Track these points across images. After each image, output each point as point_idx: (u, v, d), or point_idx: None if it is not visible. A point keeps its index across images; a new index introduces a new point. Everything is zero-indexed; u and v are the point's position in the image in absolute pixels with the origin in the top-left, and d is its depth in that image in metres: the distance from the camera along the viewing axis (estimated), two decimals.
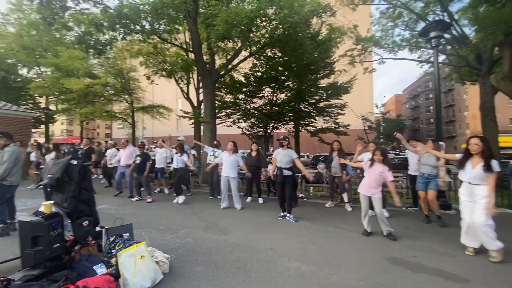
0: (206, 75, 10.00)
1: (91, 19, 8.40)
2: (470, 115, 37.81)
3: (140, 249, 2.70)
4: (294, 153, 5.17)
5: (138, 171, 6.88)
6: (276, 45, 9.60)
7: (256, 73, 12.70)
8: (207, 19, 8.21)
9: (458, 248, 3.55)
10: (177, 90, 19.43)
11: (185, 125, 23.57)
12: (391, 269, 3.01)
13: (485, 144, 3.27)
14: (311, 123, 14.37)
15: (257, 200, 6.82)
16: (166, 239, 3.97)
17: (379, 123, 29.01)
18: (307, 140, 19.17)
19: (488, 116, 10.72)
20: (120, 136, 32.06)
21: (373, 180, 4.04)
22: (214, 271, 2.92)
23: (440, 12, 11.32)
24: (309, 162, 18.73)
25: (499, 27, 6.93)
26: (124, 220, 3.63)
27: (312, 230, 4.46)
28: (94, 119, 26.12)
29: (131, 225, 3.44)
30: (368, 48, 13.37)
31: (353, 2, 12.50)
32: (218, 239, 3.98)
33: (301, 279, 2.76)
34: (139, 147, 7.21)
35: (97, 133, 66.30)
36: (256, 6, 7.48)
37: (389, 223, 4.12)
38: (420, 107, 56.92)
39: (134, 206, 6.26)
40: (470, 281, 2.74)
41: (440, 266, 3.06)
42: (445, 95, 46.34)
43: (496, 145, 10.63)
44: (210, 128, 9.84)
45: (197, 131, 14.86)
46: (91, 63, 18.91)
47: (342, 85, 13.43)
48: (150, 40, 11.34)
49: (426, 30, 6.22)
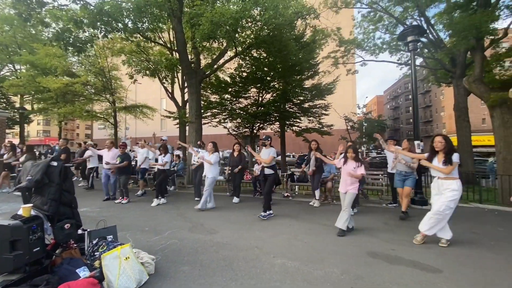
0: (191, 74, 9.93)
1: (70, 16, 8.11)
2: (446, 116, 39.70)
3: (125, 251, 2.67)
4: (273, 151, 5.32)
5: (118, 171, 6.74)
6: (261, 45, 9.68)
7: (242, 74, 12.74)
8: (192, 19, 8.15)
9: (433, 241, 3.77)
10: (161, 90, 19.14)
11: (169, 125, 23.22)
12: (371, 262, 3.15)
13: (447, 142, 3.60)
14: (296, 123, 14.58)
15: (245, 200, 6.87)
16: (151, 240, 3.93)
17: (361, 123, 29.89)
18: (292, 140, 19.44)
19: (462, 116, 11.36)
20: (102, 136, 31.06)
21: (348, 177, 4.21)
22: (200, 271, 2.94)
23: (417, 17, 11.85)
24: (294, 162, 19.01)
25: (471, 33, 7.36)
26: (107, 223, 3.57)
27: (297, 228, 4.57)
28: (74, 119, 25.17)
29: (115, 227, 3.39)
30: (350, 50, 13.77)
31: (336, 5, 12.83)
32: (204, 239, 3.99)
33: (286, 275, 2.83)
34: (120, 147, 7.06)
35: (76, 133, 63.79)
36: (241, 6, 7.53)
37: (369, 219, 4.30)
38: (400, 107, 59.08)
39: (117, 208, 6.12)
40: (443, 270, 2.93)
41: (416, 258, 3.25)
42: (423, 96, 48.40)
43: (470, 143, 11.29)
44: (196, 128, 9.78)
45: (182, 131, 14.68)
46: (70, 61, 18.23)
47: (326, 86, 13.73)
48: (133, 39, 11.10)
49: (404, 34, 6.52)
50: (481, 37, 7.71)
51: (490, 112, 7.33)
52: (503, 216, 5.51)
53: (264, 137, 5.54)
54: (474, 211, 5.86)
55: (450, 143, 3.62)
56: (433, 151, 3.72)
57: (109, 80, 18.37)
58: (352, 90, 30.45)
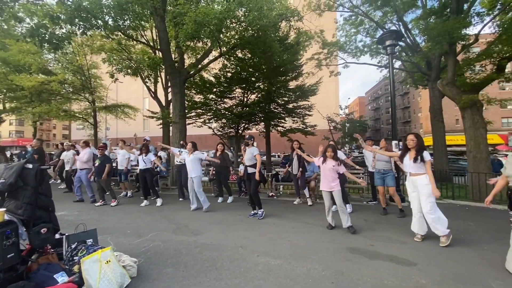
0: (174, 74, 9.78)
1: (46, 11, 7.74)
2: (423, 116, 41.51)
3: (106, 254, 2.62)
4: (256, 150, 5.36)
5: (98, 174, 6.54)
6: (246, 46, 9.71)
7: (226, 74, 12.71)
8: (175, 18, 8.04)
9: (409, 236, 3.97)
10: (144, 89, 18.70)
11: (152, 126, 22.70)
12: (351, 258, 3.27)
13: (419, 139, 3.82)
14: (281, 123, 14.74)
15: (228, 199, 6.87)
16: (134, 243, 3.86)
17: (344, 124, 30.67)
18: (277, 140, 19.59)
19: (437, 117, 11.96)
20: (81, 137, 29.82)
21: (329, 175, 4.35)
22: (184, 272, 2.93)
23: (396, 22, 12.36)
24: (279, 162, 19.19)
25: (445, 38, 7.77)
26: (87, 226, 3.47)
27: (281, 227, 4.64)
28: (50, 119, 24.03)
29: (95, 230, 3.31)
30: (333, 53, 14.11)
31: (319, 8, 13.11)
32: (188, 240, 3.97)
33: (270, 273, 2.89)
34: (99, 148, 6.85)
35: (53, 134, 60.87)
36: (225, 7, 7.52)
37: (351, 217, 4.44)
38: (381, 108, 61.09)
39: (98, 211, 5.94)
40: (418, 264, 3.10)
41: (393, 253, 3.41)
42: (402, 98, 50.33)
43: (444, 143, 11.91)
44: (180, 128, 9.65)
45: (165, 132, 14.42)
46: (46, 58, 17.37)
47: (310, 87, 13.98)
48: (114, 36, 10.76)
49: (382, 38, 6.79)
50: (453, 42, 8.15)
51: (461, 113, 7.77)
52: (473, 211, 5.87)
53: (247, 137, 5.60)
54: (447, 207, 6.18)
55: (421, 141, 3.83)
56: (406, 148, 3.93)
57: (88, 79, 17.71)
58: (335, 91, 31.13)
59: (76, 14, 7.76)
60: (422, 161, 3.69)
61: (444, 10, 8.96)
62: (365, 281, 2.70)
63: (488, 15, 9.33)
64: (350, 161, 6.46)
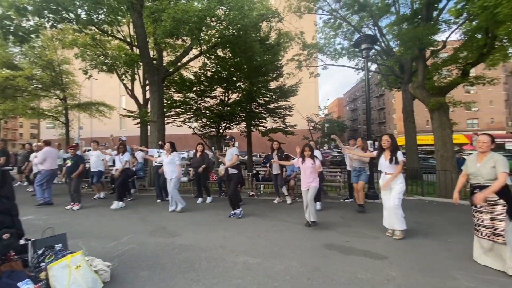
0: (153, 71, 9.51)
1: (11, 1, 7.22)
2: (397, 117, 43.56)
3: (76, 259, 2.50)
4: (235, 151, 5.37)
5: (70, 175, 6.21)
6: (226, 45, 9.65)
7: (207, 72, 12.56)
8: (153, 14, 7.80)
9: (382, 231, 4.16)
10: (120, 87, 17.95)
11: (129, 125, 21.92)
12: (327, 254, 3.38)
13: (393, 140, 4.04)
14: (262, 123, 14.81)
15: (207, 200, 6.80)
16: (108, 246, 3.71)
17: (323, 124, 31.47)
18: (259, 140, 19.66)
19: (409, 118, 12.61)
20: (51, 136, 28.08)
21: (308, 174, 4.47)
22: (161, 274, 2.87)
23: (372, 26, 12.87)
24: (260, 161, 19.29)
25: (415, 43, 8.22)
26: (56, 230, 3.28)
27: (260, 225, 4.68)
28: (16, 117, 22.40)
29: (64, 234, 3.13)
30: (313, 54, 14.41)
31: (300, 10, 13.33)
32: (165, 242, 3.88)
33: (248, 272, 2.90)
34: (70, 148, 6.51)
35: (19, 133, 56.94)
36: (206, 5, 7.43)
37: (327, 214, 4.60)
38: (358, 109, 63.34)
39: (69, 215, 5.64)
40: (389, 257, 3.26)
41: (366, 248, 3.56)
42: (378, 99, 52.52)
43: (415, 142, 12.59)
44: (158, 128, 9.40)
45: (143, 131, 13.99)
46: (11, 51, 16.17)
47: (290, 88, 14.17)
48: (88, 31, 10.26)
49: (358, 42, 7.05)
50: (423, 47, 8.64)
51: (430, 114, 8.26)
52: (440, 206, 6.27)
53: (228, 137, 5.60)
54: (417, 203, 6.56)
55: (395, 141, 4.06)
56: (381, 148, 4.12)
57: (59, 75, 16.75)
58: (314, 92, 31.82)
59: (45, 6, 7.32)
60: (397, 162, 3.90)
61: (416, 17, 9.47)
62: (340, 276, 2.79)
63: (455, 23, 9.98)
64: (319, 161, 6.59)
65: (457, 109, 14.56)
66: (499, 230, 2.82)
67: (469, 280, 2.70)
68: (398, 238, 3.86)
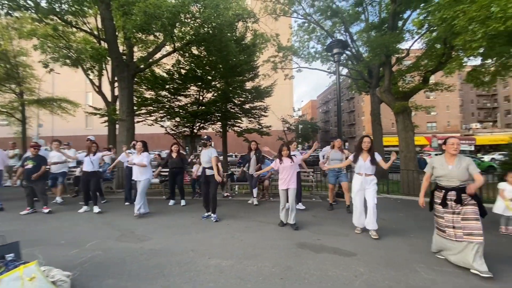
0: (122, 67, 9.04)
1: None
2: (366, 120, 45.89)
3: (29, 270, 2.28)
4: (214, 152, 5.14)
5: (29, 177, 5.68)
6: (201, 43, 9.46)
7: (180, 70, 12.21)
8: (123, 6, 7.40)
9: (351, 229, 4.34)
10: (86, 82, 16.85)
11: (96, 123, 20.59)
12: (299, 253, 3.43)
13: (371, 142, 4.25)
14: (237, 123, 14.75)
15: (181, 203, 6.59)
16: (69, 254, 3.44)
17: (297, 125, 32.22)
18: (235, 140, 19.54)
19: (376, 120, 13.35)
20: (5, 135, 25.53)
21: (287, 174, 4.50)
22: (128, 282, 2.72)
23: (344, 32, 13.42)
24: (236, 162, 19.21)
25: (382, 50, 8.71)
26: (8, 238, 2.96)
27: (234, 226, 4.64)
28: None
29: (17, 243, 2.83)
30: (288, 57, 14.70)
31: (275, 12, 13.51)
32: (133, 247, 3.69)
33: (220, 275, 2.85)
34: (32, 148, 5.95)
35: None
36: (180, 1, 7.21)
37: (300, 213, 4.68)
38: (330, 111, 65.70)
39: (23, 221, 5.14)
40: (357, 254, 3.40)
41: (337, 245, 3.68)
42: (348, 102, 54.92)
43: (381, 143, 13.35)
44: (127, 126, 8.95)
45: (111, 130, 13.23)
46: None
47: (265, 89, 14.27)
48: (48, 21, 9.45)
49: (330, 46, 7.30)
50: (389, 54, 9.19)
51: (395, 117, 8.80)
52: (404, 203, 6.70)
53: (205, 137, 5.38)
54: (383, 201, 6.93)
55: (373, 143, 4.28)
56: (359, 150, 4.24)
57: (14, 67, 15.27)
58: (289, 94, 32.43)
59: None
60: (375, 163, 4.10)
61: (383, 25, 10.06)
62: (311, 274, 2.85)
63: (417, 33, 10.72)
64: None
65: (418, 112, 15.69)
66: (475, 230, 2.82)
67: (428, 272, 2.90)
68: (376, 238, 3.94)
